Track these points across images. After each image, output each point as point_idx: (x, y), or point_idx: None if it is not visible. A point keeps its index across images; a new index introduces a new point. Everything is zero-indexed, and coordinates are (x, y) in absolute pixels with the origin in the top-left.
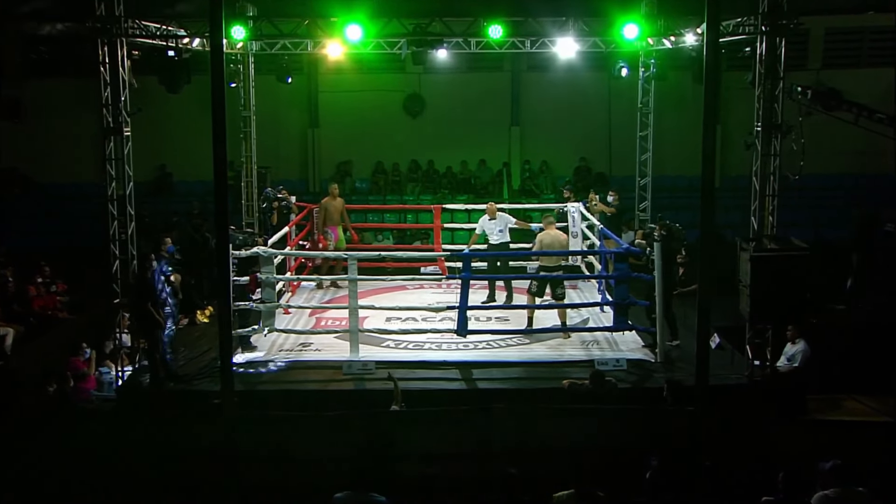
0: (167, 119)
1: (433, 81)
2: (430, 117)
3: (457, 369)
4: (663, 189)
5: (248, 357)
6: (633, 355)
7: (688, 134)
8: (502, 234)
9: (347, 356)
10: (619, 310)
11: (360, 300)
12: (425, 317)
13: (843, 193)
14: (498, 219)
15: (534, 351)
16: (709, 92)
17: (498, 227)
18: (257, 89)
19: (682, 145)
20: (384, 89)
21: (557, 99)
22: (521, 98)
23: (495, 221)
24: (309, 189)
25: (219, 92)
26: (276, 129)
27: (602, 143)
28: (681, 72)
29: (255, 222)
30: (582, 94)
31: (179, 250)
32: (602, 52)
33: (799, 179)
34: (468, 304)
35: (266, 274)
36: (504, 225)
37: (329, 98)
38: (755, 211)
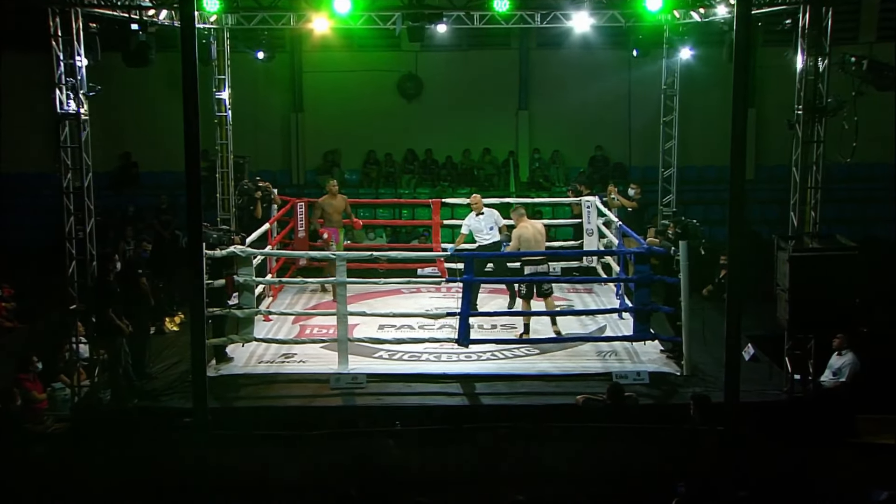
0: (131, 101)
1: (431, 60)
2: (429, 101)
3: (458, 383)
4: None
5: (223, 370)
6: (656, 368)
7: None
8: (493, 233)
9: (335, 368)
10: (640, 317)
11: (350, 306)
12: (422, 324)
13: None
14: (486, 214)
15: (544, 362)
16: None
17: (487, 224)
18: (234, 69)
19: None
20: (376, 69)
21: (571, 80)
22: (530, 79)
23: (483, 218)
24: (292, 181)
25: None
26: (255, 114)
27: (621, 129)
28: (711, 48)
29: (231, 218)
30: (598, 74)
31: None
32: (622, 26)
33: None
34: (470, 311)
35: (244, 276)
36: (493, 222)
37: (314, 79)
38: (795, 205)
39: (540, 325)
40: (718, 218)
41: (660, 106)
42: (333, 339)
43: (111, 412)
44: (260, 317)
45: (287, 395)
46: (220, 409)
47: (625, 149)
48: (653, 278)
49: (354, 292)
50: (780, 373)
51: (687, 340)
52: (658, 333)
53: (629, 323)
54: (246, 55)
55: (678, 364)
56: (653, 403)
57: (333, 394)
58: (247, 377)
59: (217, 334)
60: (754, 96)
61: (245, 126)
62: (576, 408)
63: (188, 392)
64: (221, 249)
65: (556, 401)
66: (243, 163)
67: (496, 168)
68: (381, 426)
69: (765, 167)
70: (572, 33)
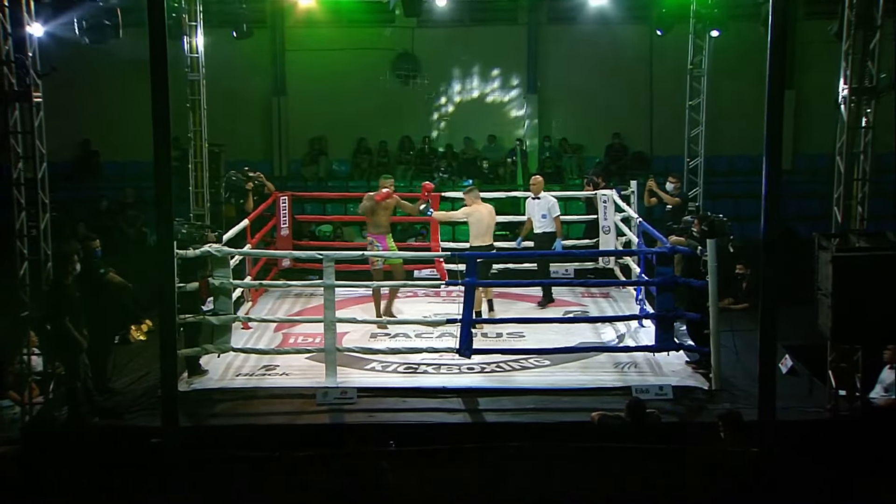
0: (92, 82)
1: (430, 37)
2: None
3: (459, 398)
4: (719, 173)
5: (196, 384)
6: (681, 381)
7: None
8: (545, 222)
9: (322, 382)
10: (663, 324)
11: (339, 311)
12: (420, 332)
13: None
14: (542, 200)
15: (554, 375)
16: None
17: (540, 210)
18: (208, 47)
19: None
20: (368, 47)
21: (586, 59)
22: (539, 58)
23: (538, 203)
24: (275, 172)
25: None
26: (233, 98)
27: (642, 114)
28: (744, 22)
29: (205, 213)
30: (617, 52)
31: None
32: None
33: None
34: (473, 317)
35: (220, 278)
36: (547, 209)
37: (299, 58)
38: (839, 199)
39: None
40: (751, 213)
41: (685, 88)
42: (320, 349)
43: (67, 432)
44: (238, 324)
45: (268, 412)
46: (192, 429)
47: (646, 136)
48: (677, 281)
49: (344, 296)
50: (822, 388)
51: (716, 351)
52: (683, 343)
53: (650, 331)
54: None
55: (706, 377)
56: (677, 421)
57: (320, 410)
58: (223, 392)
59: (189, 344)
60: (793, 76)
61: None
62: (590, 426)
63: (156, 409)
64: (194, 249)
65: (568, 418)
66: (219, 152)
67: (502, 157)
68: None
69: (804, 156)
70: (587, 6)
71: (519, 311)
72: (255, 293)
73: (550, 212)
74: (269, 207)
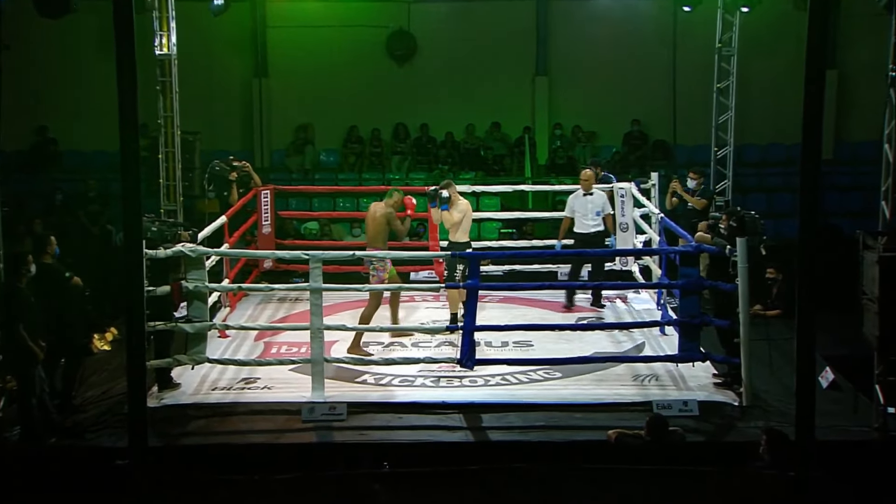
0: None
1: (428, 13)
2: (424, 64)
3: (460, 413)
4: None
5: (167, 399)
6: (708, 396)
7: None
8: (598, 220)
9: (308, 396)
10: (688, 332)
11: (327, 318)
12: (416, 341)
13: None
14: (595, 196)
15: (567, 388)
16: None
17: (594, 208)
18: (180, 22)
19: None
20: (359, 24)
21: (601, 37)
22: (550, 37)
23: (590, 199)
24: (255, 163)
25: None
26: (209, 80)
27: (664, 99)
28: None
29: (178, 209)
30: (636, 29)
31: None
32: None
33: None
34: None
35: (194, 281)
36: (601, 206)
37: (282, 36)
38: (887, 192)
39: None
40: (786, 209)
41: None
42: (306, 360)
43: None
44: (214, 332)
45: (248, 431)
46: (163, 449)
47: (668, 123)
48: (704, 284)
49: (332, 301)
50: (868, 404)
51: (747, 362)
52: (710, 353)
53: (673, 340)
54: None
55: (735, 392)
56: (703, 441)
57: (306, 428)
58: (197, 408)
59: (160, 354)
60: (835, 54)
61: (195, 94)
62: (607, 445)
63: (122, 428)
64: (166, 248)
65: (581, 436)
66: (193, 140)
67: (508, 148)
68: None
69: (847, 144)
70: None
71: (527, 317)
72: (234, 298)
73: (604, 209)
74: (250, 202)
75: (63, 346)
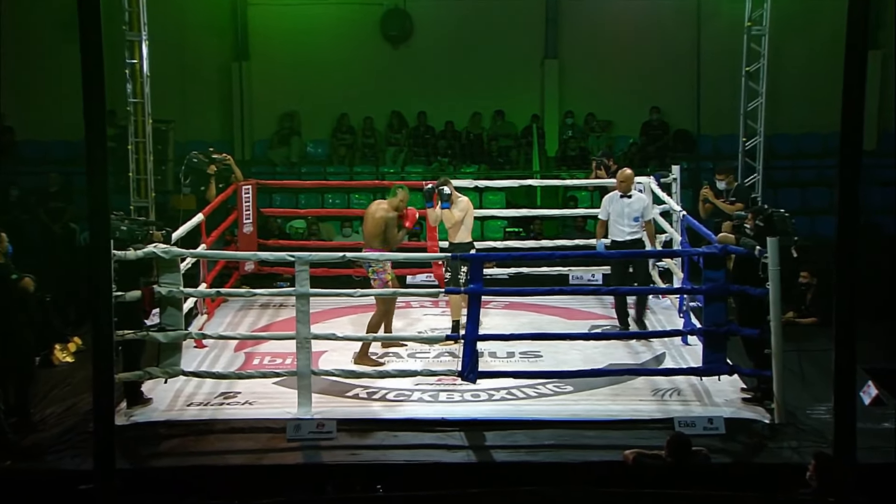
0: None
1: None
2: (422, 46)
3: (461, 431)
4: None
5: (137, 416)
6: (735, 412)
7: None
8: (637, 226)
9: (294, 413)
10: (713, 341)
11: (314, 326)
12: (413, 351)
13: None
14: (635, 199)
15: (579, 404)
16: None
17: (632, 212)
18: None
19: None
20: (350, 1)
21: (617, 16)
22: (560, 16)
23: (629, 202)
24: (235, 156)
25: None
26: (183, 63)
27: (686, 84)
28: None
29: (150, 205)
30: (656, 7)
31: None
32: None
33: None
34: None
35: (168, 286)
36: (641, 209)
37: (264, 14)
38: None
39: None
40: (822, 205)
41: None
42: (292, 373)
43: None
44: (190, 342)
45: (227, 451)
46: (132, 472)
47: (691, 111)
48: (730, 289)
49: (321, 307)
50: None
51: (779, 375)
52: (737, 365)
53: (697, 350)
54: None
55: (766, 408)
56: (731, 462)
57: (291, 447)
58: (171, 426)
59: (129, 366)
60: (878, 33)
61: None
62: (623, 467)
63: (87, 448)
64: (136, 249)
65: (595, 457)
66: (166, 129)
67: (514, 138)
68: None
69: (891, 134)
70: None
71: (535, 324)
72: (212, 304)
73: (644, 214)
74: (230, 199)
75: (12, 355)
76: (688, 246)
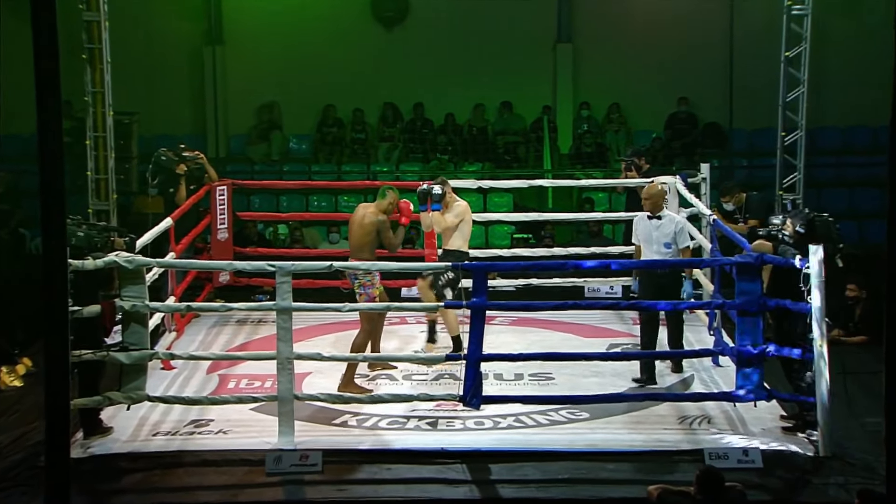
0: None
1: None
2: (419, 28)
3: (463, 464)
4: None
5: (96, 447)
6: (774, 443)
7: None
8: (668, 252)
9: (274, 442)
10: (748, 363)
11: (297, 345)
12: (408, 373)
13: None
14: (666, 220)
15: (596, 432)
16: None
17: (661, 237)
18: None
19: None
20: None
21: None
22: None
23: (658, 224)
24: (209, 153)
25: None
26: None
27: (717, 72)
28: None
29: (111, 209)
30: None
31: None
32: None
33: None
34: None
35: (131, 299)
36: (673, 232)
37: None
38: None
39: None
40: (871, 208)
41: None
42: (272, 397)
43: None
44: (156, 362)
45: (199, 486)
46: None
47: (723, 102)
48: (767, 304)
49: (304, 323)
50: None
51: (823, 401)
52: (776, 390)
53: (730, 372)
54: None
55: (809, 439)
56: (769, 500)
57: (271, 482)
58: (134, 458)
59: (87, 391)
60: None
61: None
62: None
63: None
64: (95, 258)
65: (614, 492)
66: (130, 123)
67: (522, 133)
68: None
69: None
70: None
71: (546, 343)
72: (182, 320)
73: (678, 240)
74: (203, 201)
75: None
76: (719, 254)
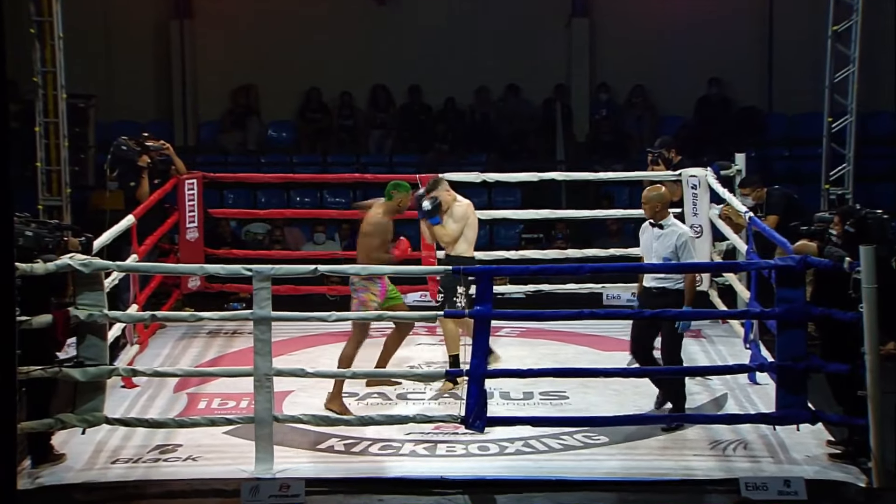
0: None
1: None
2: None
3: (465, 494)
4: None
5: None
6: (820, 472)
7: None
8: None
9: (251, 470)
10: (789, 380)
11: (277, 359)
12: (403, 391)
13: None
14: (668, 232)
15: (615, 459)
16: None
17: (663, 248)
18: None
19: None
20: None
21: None
22: None
23: (657, 235)
24: (176, 140)
25: None
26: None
27: (754, 51)
28: None
29: (64, 205)
30: None
31: None
32: None
33: None
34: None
35: (87, 308)
36: (674, 246)
37: None
38: None
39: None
40: None
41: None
42: (248, 419)
43: None
44: (116, 380)
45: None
46: None
47: (760, 84)
48: (812, 313)
49: (286, 335)
50: None
51: (877, 424)
52: (822, 411)
53: (769, 391)
54: None
55: (860, 467)
56: None
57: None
58: (90, 489)
59: (36, 413)
60: None
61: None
62: None
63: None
64: (46, 261)
65: None
66: (86, 107)
67: (532, 119)
68: None
69: None
70: None
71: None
72: (145, 331)
73: (679, 254)
74: (169, 196)
75: None
76: (755, 257)
